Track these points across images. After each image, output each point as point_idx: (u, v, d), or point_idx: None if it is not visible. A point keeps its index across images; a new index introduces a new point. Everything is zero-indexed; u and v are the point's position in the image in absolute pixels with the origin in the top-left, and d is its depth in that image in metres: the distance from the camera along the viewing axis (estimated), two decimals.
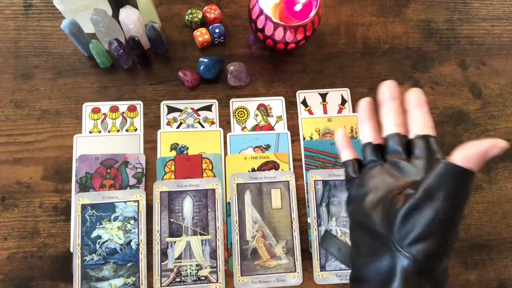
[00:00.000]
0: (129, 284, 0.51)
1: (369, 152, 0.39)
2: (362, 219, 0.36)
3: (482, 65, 0.64)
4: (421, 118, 0.36)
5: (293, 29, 0.53)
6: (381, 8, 0.66)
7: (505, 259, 0.56)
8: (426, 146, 0.35)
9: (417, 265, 0.30)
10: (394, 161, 0.36)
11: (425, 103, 0.37)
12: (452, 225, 0.30)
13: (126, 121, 0.58)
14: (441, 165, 0.30)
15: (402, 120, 0.38)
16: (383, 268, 0.32)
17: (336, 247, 0.45)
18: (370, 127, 0.40)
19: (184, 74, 0.58)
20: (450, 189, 0.30)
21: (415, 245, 0.30)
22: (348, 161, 0.41)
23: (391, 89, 0.38)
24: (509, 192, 0.59)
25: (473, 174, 0.30)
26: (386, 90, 0.38)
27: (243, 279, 0.52)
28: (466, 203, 0.31)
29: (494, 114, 0.62)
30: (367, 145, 0.39)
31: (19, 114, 0.57)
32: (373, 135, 0.39)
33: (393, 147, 0.37)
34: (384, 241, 0.33)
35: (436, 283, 0.32)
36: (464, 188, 0.30)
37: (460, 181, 0.30)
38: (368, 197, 0.36)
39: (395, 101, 0.38)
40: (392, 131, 0.37)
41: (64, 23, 0.52)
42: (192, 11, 0.61)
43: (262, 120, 0.59)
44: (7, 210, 0.53)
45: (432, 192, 0.30)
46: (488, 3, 0.67)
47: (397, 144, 0.37)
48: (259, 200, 0.55)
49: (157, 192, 0.54)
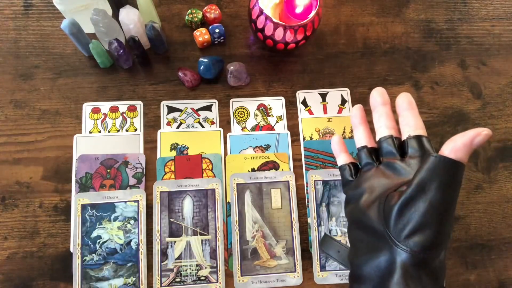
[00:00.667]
0: (129, 284, 0.51)
1: (364, 155, 0.40)
2: (358, 218, 0.37)
3: (482, 65, 0.64)
4: (412, 120, 0.38)
5: (293, 29, 0.53)
6: (381, 8, 0.66)
7: (505, 259, 0.56)
8: (419, 145, 0.36)
9: (415, 257, 0.31)
10: (389, 162, 0.38)
11: (414, 106, 0.39)
12: (446, 216, 0.31)
13: (126, 121, 0.58)
14: (432, 158, 0.31)
15: (394, 123, 0.40)
16: (382, 263, 0.33)
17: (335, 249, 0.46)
18: (364, 131, 0.42)
19: (184, 74, 0.58)
20: (442, 181, 0.31)
21: (411, 238, 0.31)
22: (345, 165, 0.43)
23: (381, 95, 0.40)
24: (509, 192, 0.59)
25: (463, 165, 0.31)
26: (376, 96, 0.40)
27: (243, 279, 0.52)
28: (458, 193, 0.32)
29: (494, 114, 0.62)
30: (362, 148, 0.41)
31: (19, 114, 0.57)
32: (367, 139, 0.41)
33: (387, 148, 0.38)
34: (381, 237, 0.33)
35: (434, 275, 0.32)
36: (455, 178, 0.31)
37: (450, 172, 0.31)
38: (364, 196, 0.37)
39: (386, 106, 0.40)
40: (385, 133, 0.39)
41: (64, 23, 0.52)
42: (192, 11, 0.61)
43: (262, 120, 0.59)
44: (7, 210, 0.53)
45: (424, 185, 0.31)
46: (488, 3, 0.68)
47: (391, 145, 0.38)
48: (259, 200, 0.55)
49: (157, 192, 0.54)
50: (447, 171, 0.31)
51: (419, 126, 0.37)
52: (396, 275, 0.31)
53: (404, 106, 0.39)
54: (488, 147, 0.60)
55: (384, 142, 0.39)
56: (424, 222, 0.31)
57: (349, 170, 0.42)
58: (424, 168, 0.32)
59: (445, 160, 0.31)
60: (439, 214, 0.31)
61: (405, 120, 0.38)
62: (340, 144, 0.45)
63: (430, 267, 0.32)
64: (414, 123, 0.38)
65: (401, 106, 0.39)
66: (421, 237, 0.31)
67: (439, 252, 0.32)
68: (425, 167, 0.31)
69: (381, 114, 0.40)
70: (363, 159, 0.41)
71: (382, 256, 0.33)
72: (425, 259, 0.31)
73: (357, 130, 0.42)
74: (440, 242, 0.32)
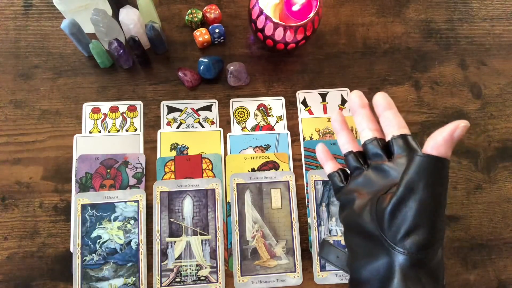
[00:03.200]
0: (129, 284, 0.51)
1: (351, 160, 0.40)
2: (353, 223, 0.37)
3: (482, 65, 0.64)
4: (393, 120, 0.38)
5: (293, 29, 0.53)
6: (381, 8, 0.66)
7: (505, 259, 0.56)
8: (405, 144, 0.36)
9: (413, 258, 0.31)
10: (377, 165, 0.38)
11: (393, 105, 0.39)
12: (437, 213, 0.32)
13: (126, 121, 0.58)
14: (417, 158, 0.31)
15: (377, 125, 0.39)
16: (380, 267, 0.33)
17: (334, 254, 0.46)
18: (347, 136, 0.42)
19: (184, 74, 0.58)
20: (428, 179, 0.31)
21: (406, 239, 0.31)
22: (333, 172, 0.43)
23: (359, 97, 0.40)
24: (509, 192, 0.59)
25: (447, 160, 0.31)
26: (355, 99, 0.40)
27: (243, 279, 0.52)
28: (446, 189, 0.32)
29: (494, 114, 0.62)
30: (348, 154, 0.41)
31: (19, 114, 0.57)
32: (351, 143, 0.41)
33: (373, 150, 0.38)
34: (377, 241, 0.33)
35: (433, 274, 0.32)
36: (441, 175, 0.31)
37: (435, 169, 0.31)
38: (356, 202, 0.37)
39: (365, 108, 0.40)
40: (369, 136, 0.39)
41: (64, 23, 0.52)
42: (192, 11, 0.61)
43: (262, 120, 0.59)
44: (7, 210, 0.53)
45: (412, 185, 0.31)
46: (488, 3, 0.67)
47: (376, 147, 0.38)
48: (259, 200, 0.55)
49: (157, 192, 0.54)
50: (432, 169, 0.31)
51: (401, 125, 0.37)
52: (396, 278, 0.32)
53: (383, 106, 0.38)
54: (488, 147, 0.60)
55: (369, 145, 0.39)
56: (417, 222, 0.31)
57: (339, 177, 0.42)
58: (410, 168, 0.32)
59: (428, 158, 0.31)
60: (430, 212, 0.31)
61: (387, 120, 0.38)
62: (325, 152, 0.45)
63: (429, 267, 0.32)
64: (396, 122, 0.38)
65: (379, 106, 0.39)
66: (416, 237, 0.31)
67: (436, 250, 0.32)
68: (411, 167, 0.32)
69: (362, 117, 0.40)
70: (351, 164, 0.41)
71: (380, 260, 0.33)
72: (423, 259, 0.32)
73: (340, 135, 0.42)
74: (435, 240, 0.32)
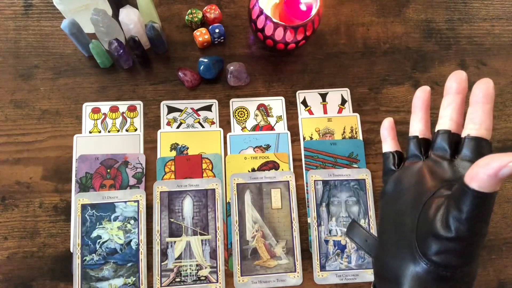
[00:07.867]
0: (129, 284, 0.51)
1: (413, 146, 0.37)
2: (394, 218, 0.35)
3: (482, 65, 0.64)
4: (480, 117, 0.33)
5: (293, 29, 0.53)
6: (381, 8, 0.66)
7: (505, 259, 0.56)
8: (475, 150, 0.33)
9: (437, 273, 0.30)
10: (437, 160, 0.35)
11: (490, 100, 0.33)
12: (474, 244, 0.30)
13: (126, 121, 0.58)
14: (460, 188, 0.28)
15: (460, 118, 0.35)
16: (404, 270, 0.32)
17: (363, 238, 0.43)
18: (421, 119, 0.38)
19: (184, 74, 0.58)
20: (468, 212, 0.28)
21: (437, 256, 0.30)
22: (389, 153, 0.40)
23: (459, 82, 0.35)
24: (509, 192, 0.59)
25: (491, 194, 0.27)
26: (453, 82, 0.35)
27: (243, 279, 0.52)
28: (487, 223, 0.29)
29: (494, 114, 0.61)
30: (412, 138, 0.38)
31: (19, 114, 0.57)
32: (421, 128, 0.37)
33: (440, 144, 0.35)
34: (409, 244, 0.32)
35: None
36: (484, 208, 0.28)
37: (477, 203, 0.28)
38: (404, 197, 0.35)
39: (459, 95, 0.35)
40: (444, 126, 0.35)
41: (64, 23, 0.52)
42: (192, 11, 0.61)
43: (262, 120, 0.59)
44: (7, 210, 0.53)
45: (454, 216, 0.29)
46: (488, 3, 0.67)
47: (445, 141, 0.35)
48: (259, 200, 0.55)
49: (157, 192, 0.54)
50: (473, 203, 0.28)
51: (484, 126, 0.33)
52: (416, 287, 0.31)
53: (478, 97, 0.33)
54: None
55: (440, 136, 0.35)
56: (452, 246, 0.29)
57: (393, 159, 0.39)
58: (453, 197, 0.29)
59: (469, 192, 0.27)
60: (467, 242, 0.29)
61: (473, 114, 0.33)
62: (389, 129, 0.40)
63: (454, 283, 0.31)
64: (480, 121, 0.33)
65: (476, 96, 0.33)
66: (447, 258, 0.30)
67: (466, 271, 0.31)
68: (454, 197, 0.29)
69: (449, 103, 0.35)
70: (410, 150, 0.37)
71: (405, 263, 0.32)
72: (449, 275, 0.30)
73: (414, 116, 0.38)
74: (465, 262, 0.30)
